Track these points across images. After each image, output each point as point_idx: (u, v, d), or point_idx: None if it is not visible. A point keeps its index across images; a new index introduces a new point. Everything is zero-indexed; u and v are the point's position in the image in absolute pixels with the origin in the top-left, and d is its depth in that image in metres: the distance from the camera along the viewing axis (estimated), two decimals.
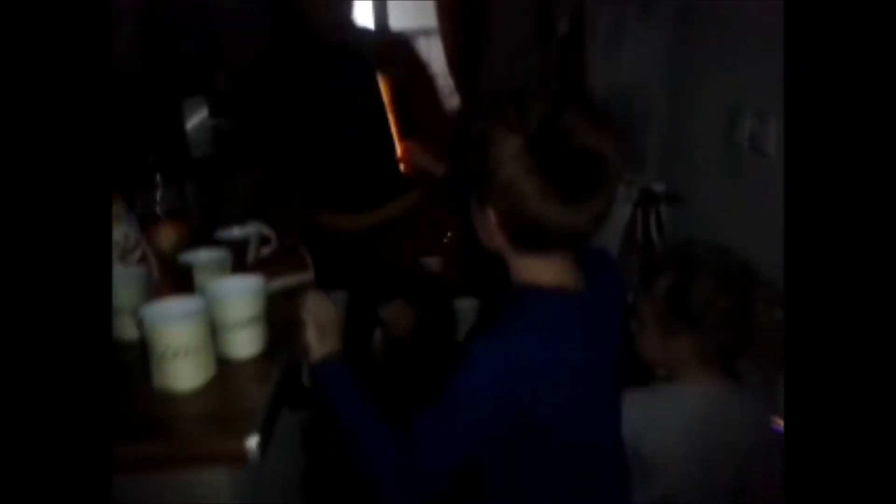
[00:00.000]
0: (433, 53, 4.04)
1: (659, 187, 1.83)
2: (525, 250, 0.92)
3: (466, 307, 1.82)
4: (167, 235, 1.51)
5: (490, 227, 0.91)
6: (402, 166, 1.96)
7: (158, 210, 1.66)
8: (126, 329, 1.06)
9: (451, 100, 4.07)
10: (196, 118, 2.04)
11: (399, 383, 1.69)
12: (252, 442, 0.83)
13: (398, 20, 4.05)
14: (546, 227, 0.86)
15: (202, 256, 1.17)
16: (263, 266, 1.30)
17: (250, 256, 1.35)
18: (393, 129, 1.95)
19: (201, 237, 1.66)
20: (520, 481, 0.96)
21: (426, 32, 4.06)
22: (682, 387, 1.17)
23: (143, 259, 1.26)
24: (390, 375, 1.80)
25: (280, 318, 1.10)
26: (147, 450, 0.85)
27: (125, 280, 1.09)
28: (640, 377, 1.24)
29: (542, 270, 0.93)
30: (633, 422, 1.04)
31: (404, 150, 1.93)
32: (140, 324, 0.94)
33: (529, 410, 0.89)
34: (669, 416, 1.13)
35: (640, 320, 1.22)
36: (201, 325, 0.93)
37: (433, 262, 1.79)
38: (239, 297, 1.01)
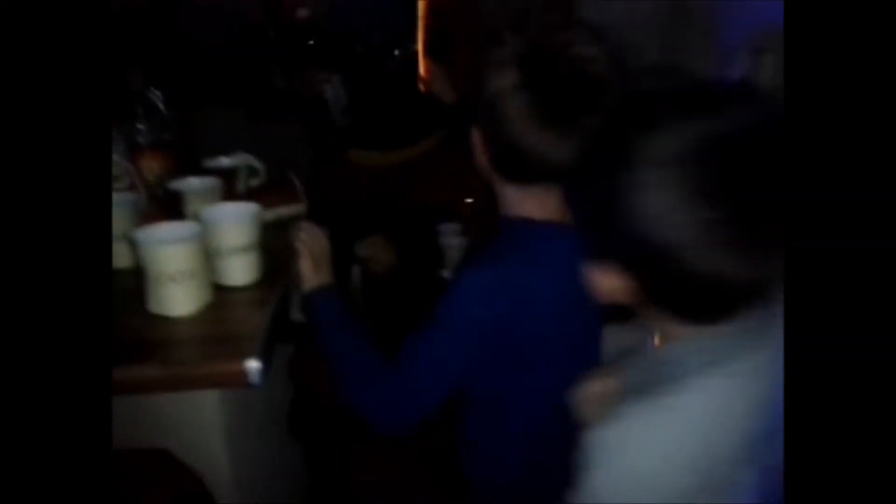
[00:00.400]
0: None
1: None
2: (507, 179, 0.91)
3: (454, 244, 1.82)
4: (150, 166, 1.48)
5: (478, 151, 0.90)
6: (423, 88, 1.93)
7: (141, 140, 1.63)
8: (119, 256, 1.05)
9: None
10: None
11: (378, 321, 1.70)
12: (253, 365, 0.84)
13: None
14: (526, 151, 0.84)
15: (193, 183, 1.15)
16: (255, 197, 1.29)
17: (240, 186, 1.33)
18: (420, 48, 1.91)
19: (187, 169, 1.63)
20: (499, 417, 0.97)
21: None
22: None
23: (131, 187, 1.24)
24: (369, 313, 1.81)
25: (274, 248, 1.10)
26: (146, 372, 0.85)
27: (115, 206, 1.07)
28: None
29: (526, 202, 0.92)
30: None
31: (426, 72, 1.90)
32: (135, 247, 0.93)
33: (512, 337, 0.90)
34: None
35: None
36: (196, 249, 0.93)
37: (452, 229, 1.77)
38: (234, 223, 1.00)
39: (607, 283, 0.67)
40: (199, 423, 0.96)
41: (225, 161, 1.33)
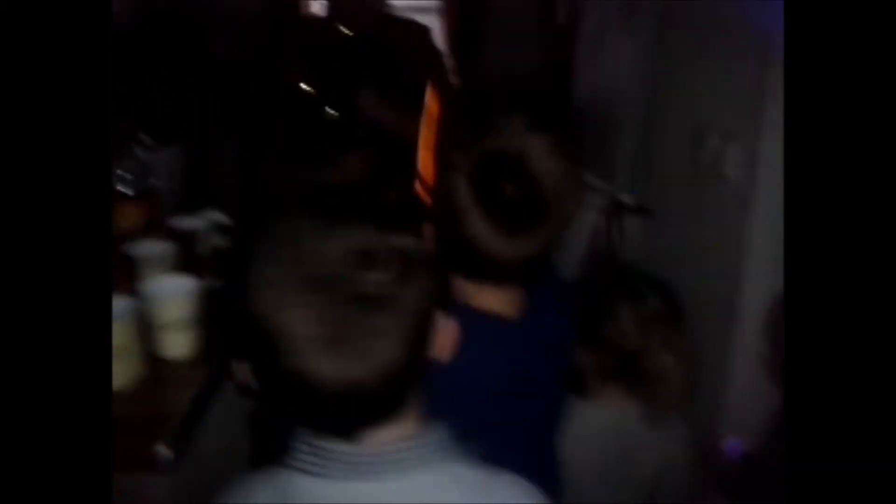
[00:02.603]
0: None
1: (627, 199, 1.84)
2: (459, 275, 0.92)
3: None
4: (129, 214, 1.53)
5: (429, 245, 0.92)
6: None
7: (123, 187, 1.68)
8: None
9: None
10: None
11: None
12: (163, 449, 0.86)
13: None
14: (477, 252, 0.85)
15: (145, 249, 1.19)
16: (214, 260, 1.33)
17: (201, 248, 1.37)
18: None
19: (164, 217, 1.67)
20: None
21: (424, 10, 4.01)
22: (591, 402, 1.23)
23: None
24: None
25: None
26: None
27: None
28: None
29: (477, 296, 0.92)
30: None
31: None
32: None
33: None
34: (576, 427, 1.16)
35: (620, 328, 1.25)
36: (127, 326, 0.96)
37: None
38: (173, 297, 1.03)
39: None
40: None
41: (189, 222, 1.36)
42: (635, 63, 1.84)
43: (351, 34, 1.80)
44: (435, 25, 3.95)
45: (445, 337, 0.67)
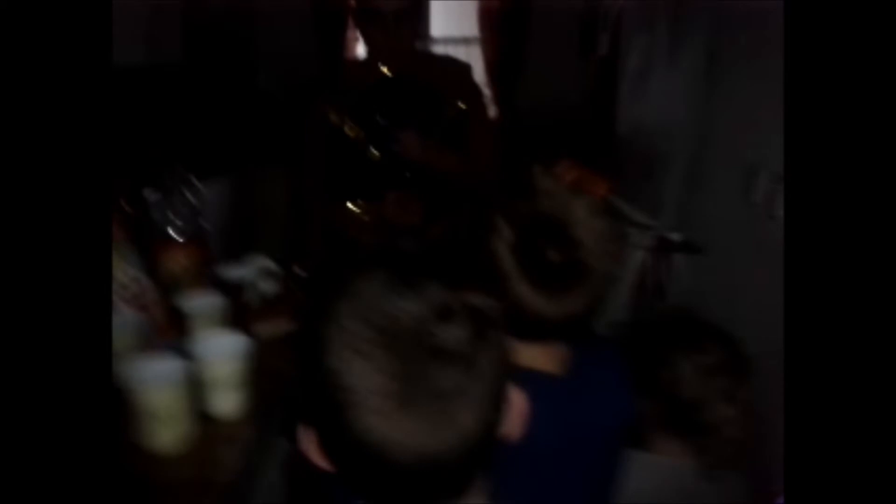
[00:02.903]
0: (472, 63, 4.04)
1: (675, 236, 1.80)
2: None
3: None
4: (178, 261, 1.56)
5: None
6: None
7: (173, 232, 1.71)
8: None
9: (489, 109, 4.06)
10: None
11: None
12: None
13: (440, 28, 4.05)
14: (517, 312, 0.85)
15: (197, 304, 1.20)
16: (263, 309, 1.34)
17: (251, 298, 1.38)
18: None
19: (215, 260, 1.70)
20: None
21: (466, 41, 4.05)
22: (648, 454, 1.19)
23: (146, 303, 1.30)
24: None
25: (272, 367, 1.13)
26: None
27: (119, 326, 1.13)
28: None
29: (523, 354, 0.93)
30: None
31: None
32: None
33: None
34: (633, 480, 1.13)
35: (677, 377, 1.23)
36: (178, 390, 0.97)
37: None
38: (222, 356, 1.04)
39: None
40: None
41: (238, 271, 1.38)
42: (682, 99, 1.81)
43: (391, 74, 1.81)
44: (475, 57, 3.98)
45: (517, 411, 0.65)
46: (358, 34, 2.02)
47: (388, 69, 1.78)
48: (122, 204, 1.60)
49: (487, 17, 3.88)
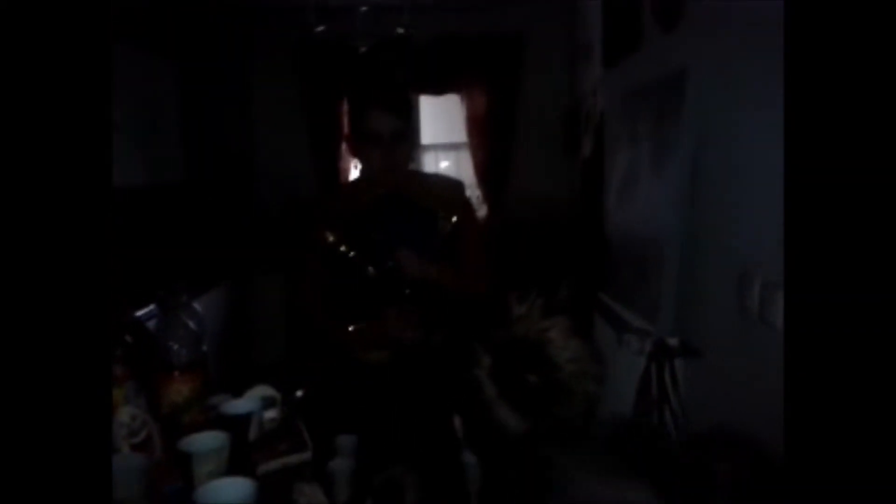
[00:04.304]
0: (462, 166, 4.17)
1: (672, 341, 1.81)
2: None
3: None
4: (180, 390, 1.55)
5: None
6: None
7: (174, 360, 1.70)
8: None
9: (479, 210, 4.17)
10: None
11: None
12: None
13: (429, 136, 4.20)
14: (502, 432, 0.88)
15: (199, 444, 1.19)
16: (262, 443, 1.32)
17: (252, 433, 1.36)
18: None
19: (214, 388, 1.68)
20: None
21: (456, 147, 4.20)
22: None
23: (147, 440, 1.29)
24: None
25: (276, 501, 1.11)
26: None
27: (120, 470, 1.10)
28: None
29: None
30: None
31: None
32: None
33: None
34: None
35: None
36: None
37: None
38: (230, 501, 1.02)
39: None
40: None
41: (239, 406, 1.37)
42: (669, 207, 1.86)
43: (387, 193, 1.86)
44: (465, 161, 4.12)
45: None
46: (351, 158, 2.11)
47: (384, 188, 1.84)
48: (122, 336, 1.61)
49: (474, 124, 4.03)
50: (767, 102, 1.45)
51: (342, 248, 1.87)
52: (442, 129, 4.22)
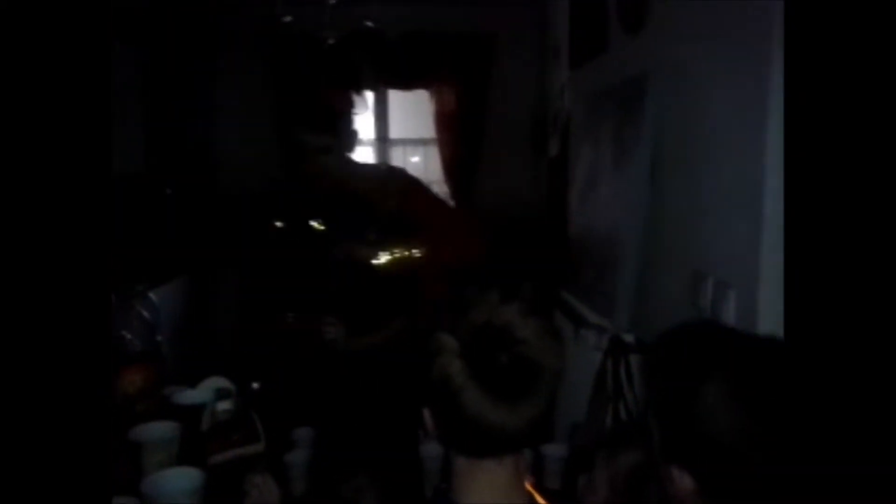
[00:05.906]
0: (430, 161, 4.18)
1: (628, 337, 1.84)
2: (460, 452, 0.93)
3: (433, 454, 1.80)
4: (133, 381, 1.53)
5: (430, 428, 0.93)
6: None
7: (128, 349, 1.68)
8: None
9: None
10: None
11: None
12: None
13: (398, 131, 4.19)
14: (479, 428, 0.87)
15: (149, 433, 1.18)
16: (216, 435, 1.32)
17: (205, 424, 1.36)
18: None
19: (170, 379, 1.67)
20: None
21: (424, 142, 4.20)
22: None
23: None
24: None
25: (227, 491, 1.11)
26: None
27: None
28: None
29: (478, 475, 0.92)
30: None
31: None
32: None
33: None
34: None
35: (592, 484, 1.20)
36: None
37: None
38: (174, 495, 1.01)
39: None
40: None
41: (193, 394, 1.36)
42: (628, 207, 1.89)
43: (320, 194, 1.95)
44: (433, 156, 4.12)
45: None
46: None
47: (317, 190, 1.92)
48: None
49: (443, 120, 4.03)
50: (725, 107, 1.48)
51: (291, 240, 1.91)
52: (411, 125, 4.22)
